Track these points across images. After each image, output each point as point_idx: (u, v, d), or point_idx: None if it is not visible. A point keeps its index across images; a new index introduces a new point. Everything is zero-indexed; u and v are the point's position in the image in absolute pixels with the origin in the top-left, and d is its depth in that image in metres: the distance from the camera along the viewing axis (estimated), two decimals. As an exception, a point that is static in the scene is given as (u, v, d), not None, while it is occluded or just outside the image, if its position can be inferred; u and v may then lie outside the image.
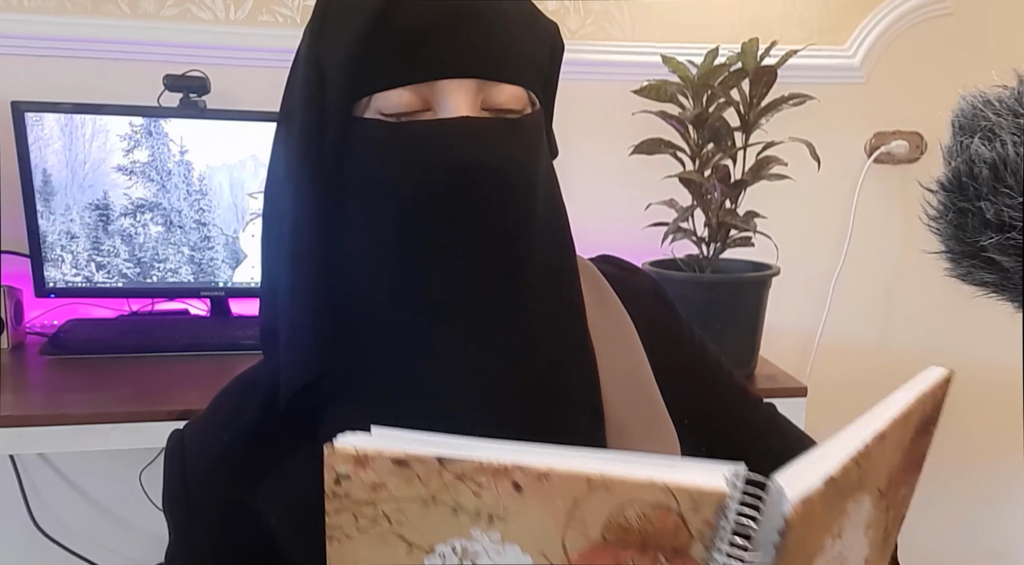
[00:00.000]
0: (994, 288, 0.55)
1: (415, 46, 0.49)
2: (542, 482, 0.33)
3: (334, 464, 0.34)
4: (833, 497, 0.36)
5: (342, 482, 0.35)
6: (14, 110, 1.27)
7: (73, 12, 1.38)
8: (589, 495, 0.33)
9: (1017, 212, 0.50)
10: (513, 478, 0.33)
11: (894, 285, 1.68)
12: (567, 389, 0.55)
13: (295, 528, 0.53)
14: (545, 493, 0.34)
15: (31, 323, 1.41)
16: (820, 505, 0.34)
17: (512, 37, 0.52)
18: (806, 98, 1.21)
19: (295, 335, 0.53)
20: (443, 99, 0.50)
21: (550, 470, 0.33)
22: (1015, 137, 0.50)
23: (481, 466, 0.33)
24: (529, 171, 0.53)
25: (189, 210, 1.35)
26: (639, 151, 1.24)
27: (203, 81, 1.36)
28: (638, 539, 0.34)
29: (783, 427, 0.70)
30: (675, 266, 1.29)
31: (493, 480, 0.34)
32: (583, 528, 0.34)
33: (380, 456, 0.34)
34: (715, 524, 0.33)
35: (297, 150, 0.52)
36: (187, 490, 0.55)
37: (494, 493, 0.34)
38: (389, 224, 0.51)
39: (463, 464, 0.34)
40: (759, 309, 1.27)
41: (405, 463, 0.34)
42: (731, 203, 1.25)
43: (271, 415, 0.55)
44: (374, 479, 0.34)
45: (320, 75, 0.51)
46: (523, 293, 0.52)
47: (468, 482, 0.34)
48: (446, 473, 0.34)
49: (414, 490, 0.34)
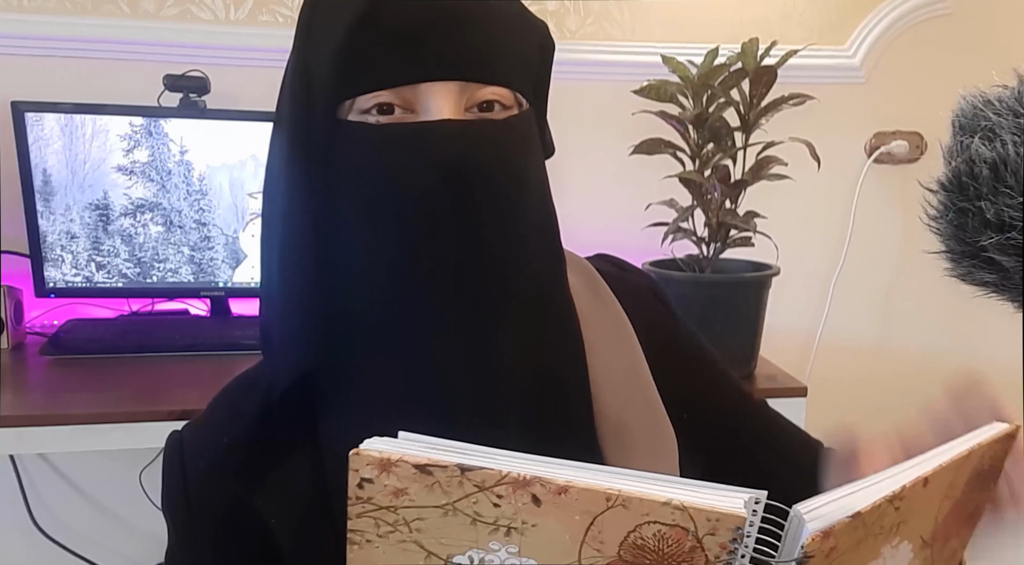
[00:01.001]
0: (994, 288, 0.55)
1: (398, 48, 0.49)
2: (561, 496, 0.33)
3: (358, 468, 0.34)
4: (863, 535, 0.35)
5: (365, 486, 0.34)
6: (14, 110, 1.27)
7: (73, 12, 1.38)
8: (607, 511, 0.33)
9: (1017, 212, 0.50)
10: (532, 491, 0.33)
11: (894, 285, 1.68)
12: (558, 386, 0.55)
13: (295, 529, 0.53)
14: (563, 507, 0.33)
15: (31, 323, 1.41)
16: (846, 541, 0.34)
17: (498, 37, 0.51)
18: (806, 98, 1.21)
19: (285, 333, 0.54)
20: (426, 101, 0.49)
21: (569, 484, 0.33)
22: (1015, 137, 0.50)
23: (502, 477, 0.33)
24: (515, 171, 0.52)
25: (189, 210, 1.35)
26: (639, 151, 1.24)
27: (203, 81, 1.36)
28: (654, 559, 0.34)
29: (781, 426, 0.70)
30: (675, 266, 1.29)
31: (513, 492, 0.34)
32: (599, 545, 0.34)
33: (403, 461, 0.34)
34: (732, 548, 0.33)
35: (286, 151, 0.52)
36: (187, 491, 0.55)
37: (513, 505, 0.34)
38: (375, 225, 0.51)
39: (484, 474, 0.34)
40: (759, 309, 1.27)
41: (427, 470, 0.34)
42: (731, 203, 1.25)
43: (270, 416, 0.55)
44: (396, 485, 0.34)
45: (307, 77, 0.51)
46: (509, 292, 0.52)
47: (488, 493, 0.34)
48: (467, 482, 0.34)
49: (435, 497, 0.34)
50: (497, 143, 0.51)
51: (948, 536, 0.44)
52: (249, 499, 0.54)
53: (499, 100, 0.51)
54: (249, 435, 0.55)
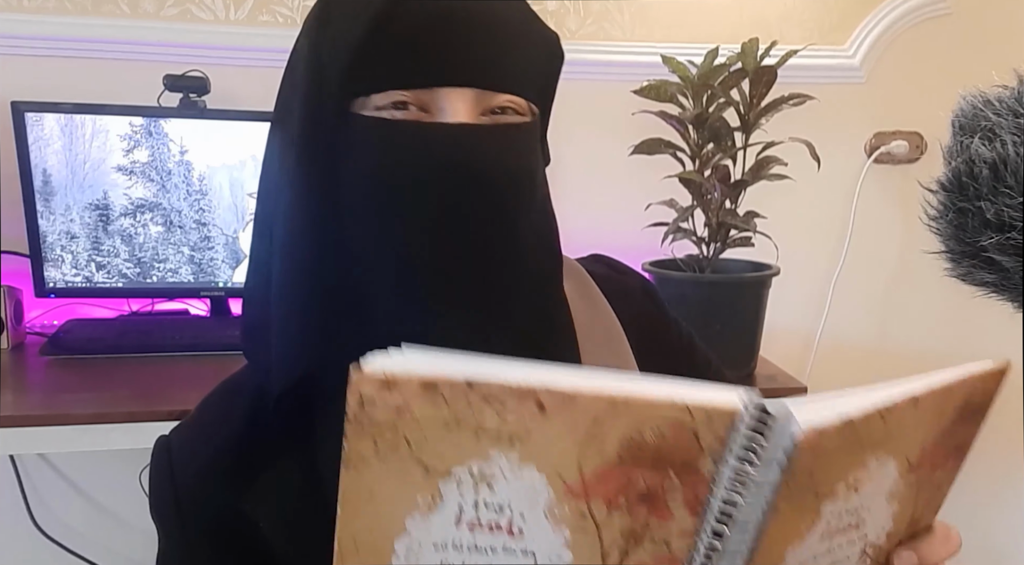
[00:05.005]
0: (994, 288, 0.55)
1: (419, 50, 0.49)
2: (567, 403, 0.33)
3: (360, 387, 0.33)
4: (851, 441, 0.36)
5: (366, 406, 0.33)
6: (14, 110, 1.27)
7: (73, 12, 1.38)
8: (611, 414, 0.34)
9: (1017, 212, 0.50)
10: (539, 399, 0.33)
11: (894, 285, 1.68)
12: None
13: (286, 532, 0.53)
14: (568, 413, 0.34)
15: (31, 323, 1.41)
16: (834, 442, 0.35)
17: (513, 46, 0.52)
18: (806, 98, 1.21)
19: (287, 329, 0.53)
20: (443, 106, 0.50)
21: (576, 391, 0.33)
22: (1015, 137, 0.50)
23: (509, 388, 0.33)
24: (525, 177, 0.53)
25: (189, 210, 1.35)
26: (639, 151, 1.24)
27: (203, 81, 1.36)
28: (651, 456, 0.34)
29: None
30: (675, 266, 1.29)
31: (518, 401, 0.33)
32: (600, 447, 0.34)
33: (408, 379, 0.33)
34: (726, 440, 0.34)
35: (292, 144, 0.52)
36: (176, 495, 0.54)
37: (518, 414, 0.33)
38: (385, 220, 0.51)
39: (490, 386, 0.33)
40: (759, 309, 1.27)
41: (433, 386, 0.33)
42: (731, 203, 1.25)
43: (259, 419, 0.55)
44: (399, 402, 0.33)
45: (319, 71, 0.51)
46: (511, 296, 0.52)
47: (494, 403, 0.33)
48: (473, 395, 0.33)
49: (438, 412, 0.34)
50: (511, 149, 0.52)
51: (934, 466, 0.44)
52: (239, 503, 0.53)
53: (513, 106, 0.52)
54: (237, 440, 0.55)
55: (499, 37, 0.51)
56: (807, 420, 0.33)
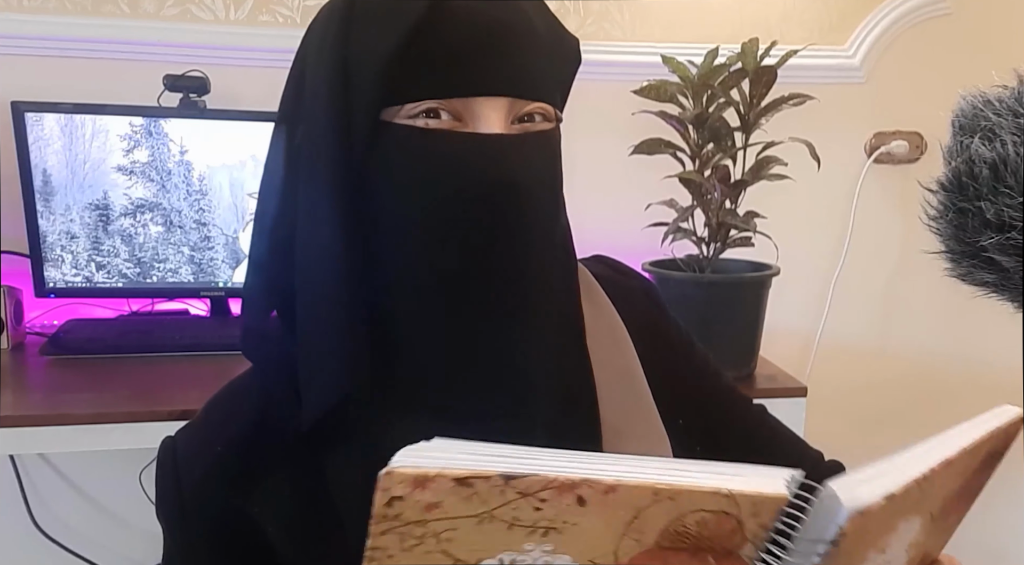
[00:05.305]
0: (994, 288, 0.55)
1: (455, 60, 0.49)
2: (608, 495, 0.32)
3: (390, 487, 0.31)
4: (889, 513, 0.36)
5: (394, 504, 0.32)
6: (14, 110, 1.27)
7: (73, 12, 1.38)
8: (653, 505, 0.33)
9: (1017, 212, 0.50)
10: (579, 492, 0.32)
11: (894, 285, 1.68)
12: (573, 398, 0.56)
13: (291, 536, 0.53)
14: (609, 505, 0.33)
15: (31, 323, 1.41)
16: (876, 519, 0.34)
17: (543, 53, 0.52)
18: (806, 98, 1.21)
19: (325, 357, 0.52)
20: (477, 115, 0.50)
21: (618, 483, 0.32)
22: (1015, 137, 0.50)
23: (548, 482, 0.32)
24: (552, 186, 0.54)
25: (189, 210, 1.35)
26: (639, 151, 1.24)
27: (203, 81, 1.36)
28: (692, 544, 0.34)
29: (772, 427, 0.70)
30: (675, 266, 1.29)
31: (558, 495, 0.32)
32: (639, 536, 0.33)
33: (441, 476, 0.31)
34: (770, 527, 0.33)
35: (322, 152, 0.51)
36: (181, 496, 0.54)
37: (557, 508, 0.32)
38: (417, 230, 0.51)
39: (529, 481, 0.32)
40: (759, 309, 1.27)
41: (467, 482, 0.31)
42: (731, 203, 1.25)
43: (265, 422, 0.55)
44: (430, 499, 0.32)
45: (346, 78, 0.50)
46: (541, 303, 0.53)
47: (531, 498, 0.32)
48: (509, 490, 0.32)
49: (471, 507, 0.32)
50: (543, 159, 0.53)
51: (952, 511, 0.44)
52: (244, 505, 0.53)
53: (542, 113, 0.52)
54: (243, 442, 0.55)
55: (533, 45, 0.51)
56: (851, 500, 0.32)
